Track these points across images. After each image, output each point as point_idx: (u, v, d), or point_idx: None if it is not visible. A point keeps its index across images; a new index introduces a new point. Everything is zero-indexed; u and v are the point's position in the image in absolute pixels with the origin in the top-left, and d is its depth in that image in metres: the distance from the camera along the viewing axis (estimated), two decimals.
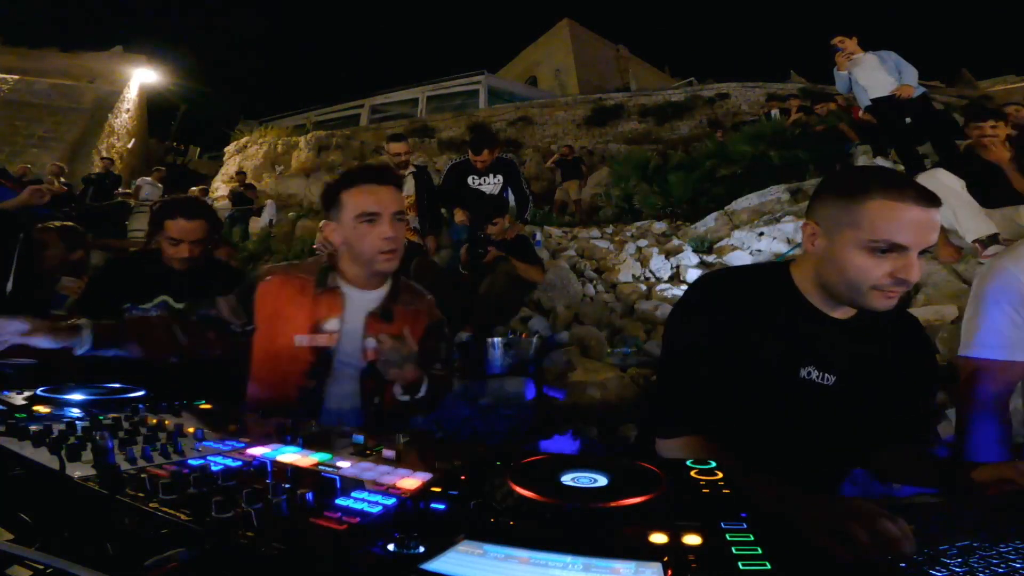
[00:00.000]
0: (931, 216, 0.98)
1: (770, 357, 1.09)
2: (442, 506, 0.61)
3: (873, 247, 0.98)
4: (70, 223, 3.04)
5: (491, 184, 4.20)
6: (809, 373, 1.09)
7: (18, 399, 1.07)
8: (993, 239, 3.00)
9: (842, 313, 1.11)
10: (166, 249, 2.02)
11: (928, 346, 1.21)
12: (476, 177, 4.21)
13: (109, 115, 12.96)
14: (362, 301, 1.45)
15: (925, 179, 3.33)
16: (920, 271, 0.99)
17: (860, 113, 5.67)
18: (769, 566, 0.47)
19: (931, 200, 0.98)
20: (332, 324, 1.42)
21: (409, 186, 4.22)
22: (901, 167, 4.94)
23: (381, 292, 1.48)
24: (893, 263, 0.98)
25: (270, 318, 1.43)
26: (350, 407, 1.45)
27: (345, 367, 1.44)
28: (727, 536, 0.52)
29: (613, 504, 0.59)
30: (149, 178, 9.45)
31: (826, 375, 1.09)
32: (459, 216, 4.05)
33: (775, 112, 8.26)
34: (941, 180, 3.16)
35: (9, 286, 2.60)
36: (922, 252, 0.99)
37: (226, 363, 1.47)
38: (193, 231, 2.00)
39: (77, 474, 0.68)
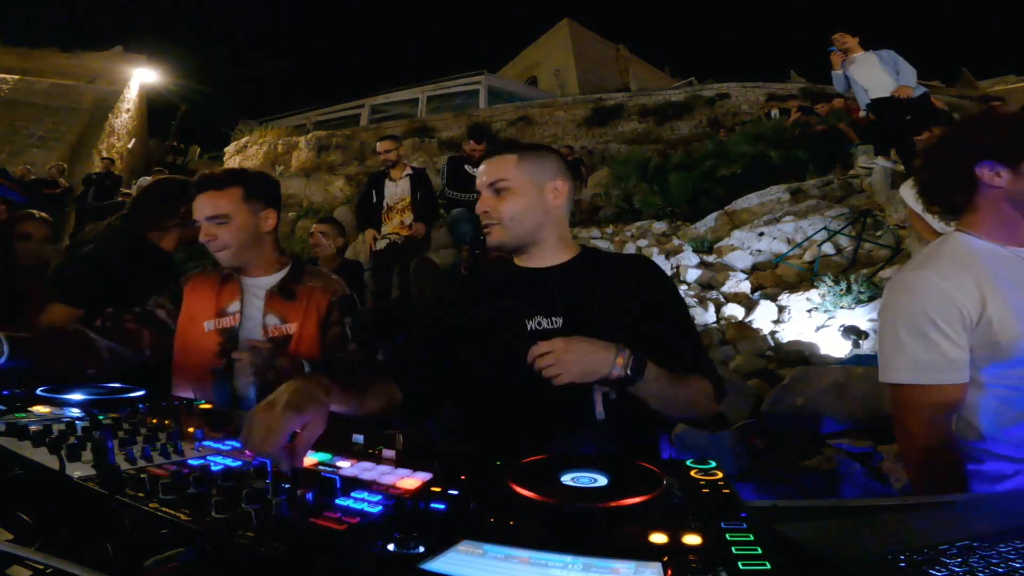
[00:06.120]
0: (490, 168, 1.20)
1: (497, 321, 1.18)
2: (442, 506, 0.61)
3: None
4: (45, 215, 2.90)
5: None
6: (539, 323, 1.16)
7: (18, 399, 1.07)
8: None
9: (539, 261, 1.23)
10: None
11: (656, 280, 1.21)
12: (471, 167, 4.48)
13: (109, 115, 12.94)
14: (255, 286, 1.60)
15: (906, 189, 3.30)
16: (483, 205, 1.20)
17: (860, 113, 5.67)
18: (769, 566, 0.47)
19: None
20: (233, 307, 1.58)
21: (406, 187, 4.33)
22: (901, 167, 4.95)
23: (277, 275, 1.63)
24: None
25: (189, 310, 1.59)
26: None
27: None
28: (727, 536, 0.52)
29: (613, 504, 0.59)
30: (150, 178, 9.43)
31: (553, 319, 1.16)
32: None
33: (775, 112, 8.26)
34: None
35: None
36: (501, 191, 1.18)
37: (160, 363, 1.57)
38: None
39: (77, 474, 0.68)
